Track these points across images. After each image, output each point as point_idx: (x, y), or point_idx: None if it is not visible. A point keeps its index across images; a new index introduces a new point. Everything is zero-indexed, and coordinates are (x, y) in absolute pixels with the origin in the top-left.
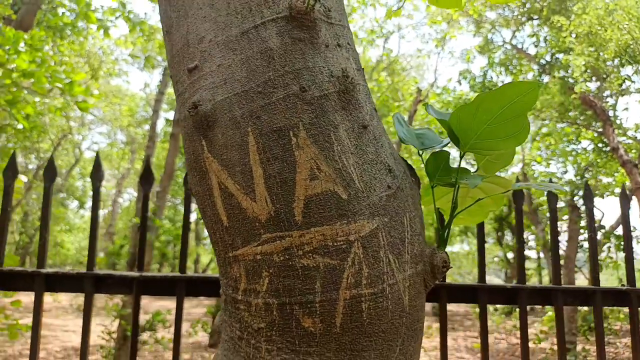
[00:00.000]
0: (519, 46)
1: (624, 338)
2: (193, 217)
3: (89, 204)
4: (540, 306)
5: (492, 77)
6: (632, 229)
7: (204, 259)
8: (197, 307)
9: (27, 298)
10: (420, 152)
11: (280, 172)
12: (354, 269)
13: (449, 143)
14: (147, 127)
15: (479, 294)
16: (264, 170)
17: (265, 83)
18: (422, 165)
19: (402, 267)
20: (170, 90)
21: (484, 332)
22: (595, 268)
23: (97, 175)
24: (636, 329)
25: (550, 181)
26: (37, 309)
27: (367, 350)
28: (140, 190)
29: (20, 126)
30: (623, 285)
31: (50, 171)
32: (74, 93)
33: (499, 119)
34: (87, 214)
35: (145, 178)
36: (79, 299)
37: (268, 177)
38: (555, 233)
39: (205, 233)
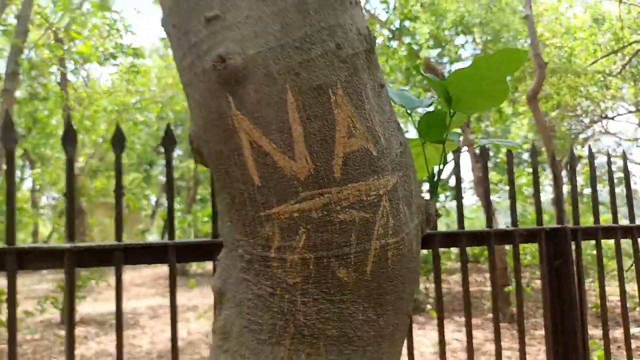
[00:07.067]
0: (372, 12)
1: (453, 275)
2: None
3: None
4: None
5: None
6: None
7: (43, 229)
8: (40, 283)
9: None
10: (409, 111)
11: (321, 130)
12: (383, 221)
13: (432, 103)
14: None
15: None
16: (304, 128)
17: (302, 39)
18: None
19: (412, 217)
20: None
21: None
22: (488, 211)
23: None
24: (518, 262)
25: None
26: None
27: (390, 293)
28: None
29: None
30: (507, 226)
31: None
32: None
33: (489, 81)
34: None
35: (69, 138)
36: None
37: (308, 135)
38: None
39: (43, 202)
